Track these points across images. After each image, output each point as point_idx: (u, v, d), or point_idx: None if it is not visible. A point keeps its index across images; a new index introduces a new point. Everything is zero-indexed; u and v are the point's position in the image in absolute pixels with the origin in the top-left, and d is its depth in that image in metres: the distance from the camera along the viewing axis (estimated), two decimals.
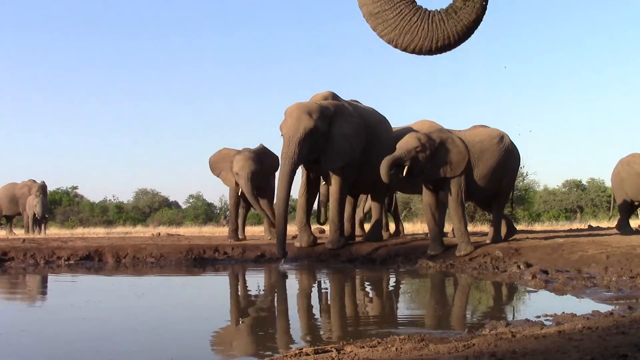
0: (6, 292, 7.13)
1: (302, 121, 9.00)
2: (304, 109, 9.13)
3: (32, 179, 18.22)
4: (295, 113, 9.12)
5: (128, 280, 8.14)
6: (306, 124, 8.98)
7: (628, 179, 11.47)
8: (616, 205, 12.00)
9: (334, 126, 9.32)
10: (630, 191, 11.53)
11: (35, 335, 4.17)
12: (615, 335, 2.67)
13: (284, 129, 9.13)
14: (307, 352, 2.92)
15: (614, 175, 11.94)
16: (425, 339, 3.09)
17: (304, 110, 9.10)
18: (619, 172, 11.73)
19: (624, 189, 11.64)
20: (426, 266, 8.54)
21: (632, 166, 11.47)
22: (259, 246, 10.27)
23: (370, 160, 9.73)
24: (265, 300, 6.40)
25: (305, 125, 8.97)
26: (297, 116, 9.06)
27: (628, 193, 11.57)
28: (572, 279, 6.34)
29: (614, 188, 12.08)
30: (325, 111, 9.30)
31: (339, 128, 9.33)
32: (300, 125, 8.97)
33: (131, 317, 5.10)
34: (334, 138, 9.26)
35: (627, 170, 11.52)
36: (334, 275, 8.35)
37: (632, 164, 11.48)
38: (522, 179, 20.86)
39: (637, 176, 11.38)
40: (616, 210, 12.14)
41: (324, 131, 9.19)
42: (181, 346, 3.89)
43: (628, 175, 11.49)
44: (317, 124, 9.05)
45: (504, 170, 9.19)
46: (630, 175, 11.45)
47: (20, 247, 10.03)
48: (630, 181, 11.50)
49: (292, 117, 9.11)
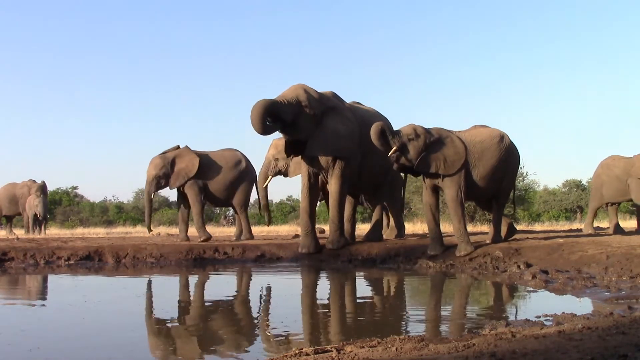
0: (6, 292, 7.13)
1: (297, 91, 9.17)
2: (304, 86, 9.33)
3: (32, 179, 18.22)
4: (295, 86, 9.35)
5: (128, 280, 8.14)
6: (299, 94, 9.12)
7: (608, 182, 12.01)
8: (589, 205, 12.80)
9: (328, 117, 9.33)
10: (607, 193, 12.13)
11: (35, 335, 4.17)
12: (615, 335, 2.67)
13: (281, 93, 9.27)
14: (307, 352, 2.92)
15: (594, 178, 12.61)
16: (425, 339, 3.09)
17: (304, 87, 9.31)
18: (599, 174, 12.34)
19: (601, 190, 12.24)
20: (426, 266, 8.54)
21: (611, 169, 12.02)
22: (259, 246, 10.27)
23: (370, 162, 9.72)
24: (265, 300, 6.40)
25: (298, 94, 9.11)
26: (295, 88, 9.27)
27: (605, 195, 12.20)
28: (572, 279, 6.33)
29: (593, 189, 12.76)
30: (322, 97, 9.40)
31: (333, 122, 9.31)
32: (295, 93, 9.12)
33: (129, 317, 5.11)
34: (325, 128, 9.24)
35: (607, 173, 12.10)
36: (334, 275, 8.35)
37: (612, 167, 12.07)
38: (522, 179, 20.85)
39: (616, 179, 11.91)
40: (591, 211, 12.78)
41: (315, 114, 9.19)
42: (181, 346, 3.89)
43: (608, 178, 12.06)
44: (310, 102, 9.12)
45: (505, 170, 9.18)
46: (610, 177, 12.02)
47: (20, 247, 10.02)
48: (610, 183, 12.09)
49: (290, 88, 9.32)
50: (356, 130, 9.55)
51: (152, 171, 11.52)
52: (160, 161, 11.52)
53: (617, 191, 11.93)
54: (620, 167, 11.83)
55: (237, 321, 5.07)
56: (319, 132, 9.23)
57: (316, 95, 9.32)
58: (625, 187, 11.76)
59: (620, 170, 11.83)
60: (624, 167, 11.75)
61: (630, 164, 11.66)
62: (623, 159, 11.97)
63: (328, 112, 9.36)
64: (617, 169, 11.89)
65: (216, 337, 4.18)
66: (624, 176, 11.73)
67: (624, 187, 11.79)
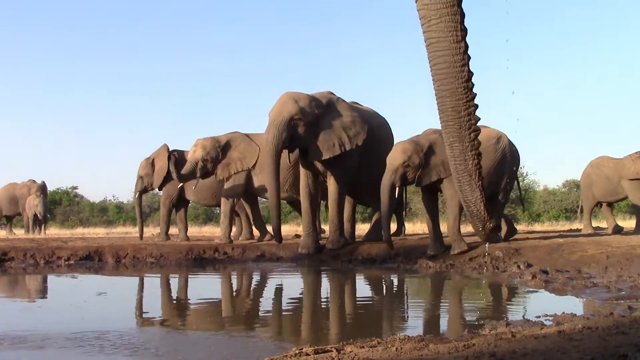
0: (6, 292, 7.13)
1: (286, 106, 8.97)
2: (292, 96, 9.13)
3: (32, 179, 18.23)
4: (283, 98, 9.13)
5: (128, 281, 8.14)
6: (290, 109, 8.93)
7: (598, 181, 12.21)
8: (582, 205, 12.84)
9: (324, 118, 9.26)
10: (598, 193, 12.25)
11: (35, 336, 4.17)
12: (616, 335, 2.67)
13: (270, 114, 9.14)
14: (307, 352, 2.91)
15: (583, 177, 12.80)
16: (425, 339, 3.09)
17: (291, 97, 9.10)
18: (589, 174, 12.56)
19: (592, 190, 12.38)
20: (426, 266, 8.54)
21: (601, 169, 12.24)
22: (259, 246, 10.28)
23: (370, 163, 9.71)
24: (265, 300, 6.40)
25: (289, 110, 8.92)
26: (283, 101, 9.07)
27: (595, 195, 12.31)
28: (572, 279, 6.33)
29: (583, 189, 12.90)
30: (315, 101, 9.25)
31: (330, 121, 9.27)
32: (284, 110, 8.94)
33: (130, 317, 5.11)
34: (322, 130, 9.20)
35: (597, 173, 12.34)
36: (334, 276, 8.35)
37: (602, 167, 12.30)
38: (522, 179, 20.88)
39: (606, 179, 12.10)
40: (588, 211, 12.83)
41: (311, 121, 9.10)
42: (180, 346, 3.89)
43: (598, 178, 12.29)
44: (302, 111, 8.97)
45: (503, 170, 9.18)
46: (600, 177, 12.25)
47: (20, 247, 10.03)
48: (599, 183, 12.24)
49: (278, 102, 9.14)
50: (358, 118, 9.49)
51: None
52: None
53: (607, 191, 12.12)
54: (610, 168, 11.97)
55: (237, 321, 5.07)
56: (319, 135, 9.17)
57: (307, 100, 9.13)
58: (615, 187, 11.93)
59: (610, 170, 11.98)
60: (614, 168, 11.88)
61: (620, 165, 11.78)
62: (612, 160, 12.14)
63: (324, 113, 9.31)
64: (606, 169, 12.07)
65: (216, 337, 4.18)
66: (614, 176, 11.88)
67: (614, 187, 11.95)
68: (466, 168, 4.28)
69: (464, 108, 3.95)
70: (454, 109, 3.97)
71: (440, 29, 3.73)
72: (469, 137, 4.09)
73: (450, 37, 3.76)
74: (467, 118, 4.00)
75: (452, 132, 4.13)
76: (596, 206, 12.90)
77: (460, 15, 3.73)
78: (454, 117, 4.01)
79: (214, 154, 10.63)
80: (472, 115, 4.01)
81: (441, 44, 3.79)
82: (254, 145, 10.72)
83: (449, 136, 4.19)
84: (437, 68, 3.89)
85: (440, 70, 3.87)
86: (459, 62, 3.83)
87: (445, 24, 3.72)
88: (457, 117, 4.00)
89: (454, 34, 3.74)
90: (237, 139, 10.88)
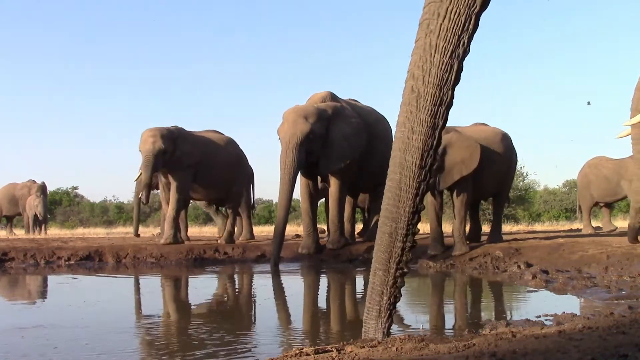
0: (6, 292, 7.13)
1: (298, 125, 8.94)
2: (300, 113, 9.06)
3: (32, 179, 18.23)
4: (292, 117, 9.06)
5: (127, 280, 8.14)
6: (302, 127, 8.93)
7: (595, 181, 12.20)
8: (581, 206, 12.82)
9: (332, 128, 9.27)
10: (596, 193, 12.24)
11: (34, 335, 4.16)
12: (616, 335, 2.67)
13: (281, 134, 9.11)
14: (307, 352, 2.91)
15: (581, 177, 12.76)
16: (425, 339, 3.09)
17: (300, 114, 9.04)
18: (586, 174, 12.51)
19: (590, 190, 12.36)
20: (426, 266, 8.54)
21: (599, 169, 12.22)
22: (259, 246, 10.28)
23: (370, 160, 9.72)
24: (266, 300, 6.40)
25: (301, 129, 8.92)
26: (294, 120, 9.00)
27: (594, 195, 12.30)
28: (573, 278, 6.33)
29: (581, 189, 12.89)
30: (322, 114, 9.23)
31: (338, 130, 9.29)
32: (297, 130, 8.92)
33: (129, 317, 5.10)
34: (333, 140, 9.21)
35: (595, 173, 12.32)
36: (334, 276, 8.35)
37: (600, 167, 12.28)
38: (522, 179, 20.85)
39: (604, 178, 12.10)
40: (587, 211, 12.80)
41: (322, 134, 9.13)
42: (180, 346, 3.89)
43: (595, 178, 12.29)
44: (313, 127, 8.99)
45: (506, 169, 9.18)
46: (598, 177, 12.27)
47: (20, 248, 10.03)
48: (597, 183, 12.23)
49: (288, 122, 9.06)
50: (361, 123, 9.52)
51: None
52: None
53: (605, 191, 12.11)
54: (610, 168, 11.95)
55: (237, 321, 5.06)
56: (328, 148, 9.21)
57: (315, 115, 9.11)
58: (614, 187, 11.91)
59: (609, 171, 11.95)
60: (614, 169, 11.86)
61: (620, 166, 11.74)
62: (611, 160, 12.12)
63: (331, 124, 9.30)
64: (605, 169, 12.04)
65: (216, 337, 4.17)
66: (614, 177, 11.85)
67: (613, 188, 11.94)
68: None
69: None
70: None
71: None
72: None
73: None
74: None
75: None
76: (595, 206, 12.90)
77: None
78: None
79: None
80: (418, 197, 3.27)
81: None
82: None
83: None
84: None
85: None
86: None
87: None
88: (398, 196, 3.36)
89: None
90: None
